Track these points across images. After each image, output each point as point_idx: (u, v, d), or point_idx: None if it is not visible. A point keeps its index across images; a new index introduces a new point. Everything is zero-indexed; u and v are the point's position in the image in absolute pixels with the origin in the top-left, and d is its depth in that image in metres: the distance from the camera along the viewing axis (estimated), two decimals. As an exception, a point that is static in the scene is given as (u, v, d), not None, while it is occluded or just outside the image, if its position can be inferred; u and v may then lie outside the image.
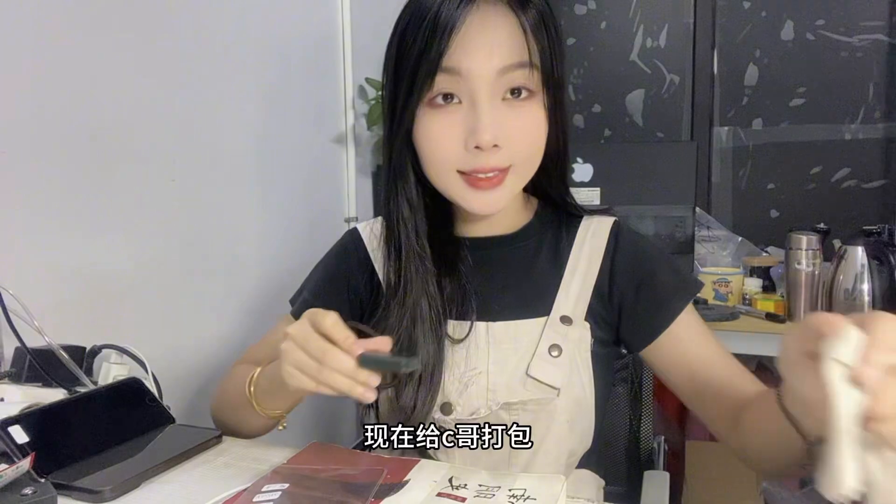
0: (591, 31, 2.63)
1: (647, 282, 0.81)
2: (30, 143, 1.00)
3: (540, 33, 0.73)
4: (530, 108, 0.74)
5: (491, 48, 0.70)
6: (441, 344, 0.79)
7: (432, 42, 0.70)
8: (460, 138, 0.73)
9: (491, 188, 0.75)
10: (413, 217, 0.82)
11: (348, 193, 1.97)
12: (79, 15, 1.07)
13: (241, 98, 1.48)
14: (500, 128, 0.72)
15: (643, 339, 0.81)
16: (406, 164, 0.80)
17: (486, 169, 0.73)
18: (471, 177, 0.74)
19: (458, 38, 0.70)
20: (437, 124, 0.74)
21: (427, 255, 0.81)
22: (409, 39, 0.73)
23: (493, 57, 0.70)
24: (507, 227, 0.85)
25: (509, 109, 0.73)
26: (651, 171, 1.97)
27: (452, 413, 0.78)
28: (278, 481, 0.63)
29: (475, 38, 0.70)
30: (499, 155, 0.73)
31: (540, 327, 0.80)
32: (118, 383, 0.83)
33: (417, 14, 0.72)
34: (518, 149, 0.74)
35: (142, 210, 1.20)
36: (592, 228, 0.86)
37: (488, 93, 0.71)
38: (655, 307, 0.81)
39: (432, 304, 0.80)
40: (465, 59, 0.70)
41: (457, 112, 0.73)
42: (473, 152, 0.72)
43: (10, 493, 0.59)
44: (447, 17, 0.70)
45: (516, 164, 0.75)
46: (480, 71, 0.71)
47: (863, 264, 1.63)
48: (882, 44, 2.26)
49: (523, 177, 0.78)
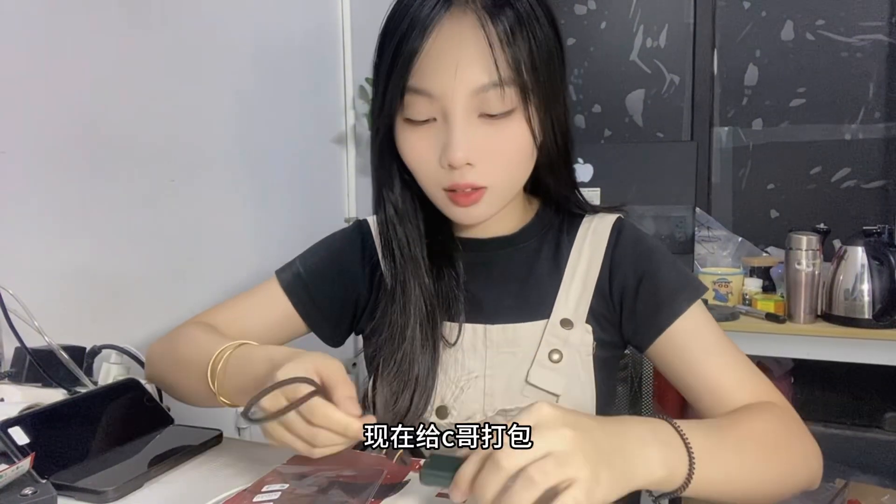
0: (592, 31, 2.63)
1: (648, 279, 0.79)
2: (30, 144, 1.00)
3: (516, 41, 0.68)
4: (508, 125, 0.71)
5: (457, 69, 0.67)
6: (436, 346, 0.78)
7: (397, 60, 0.69)
8: (435, 155, 0.72)
9: (469, 205, 0.73)
10: (402, 225, 0.80)
11: (348, 193, 1.97)
12: (79, 15, 1.07)
13: (241, 98, 1.48)
14: (473, 146, 0.70)
15: (646, 338, 0.79)
16: (392, 172, 0.79)
17: (462, 185, 0.71)
18: (451, 192, 0.73)
19: (423, 58, 0.68)
20: (414, 141, 0.73)
21: (421, 260, 0.80)
22: (383, 53, 0.72)
23: (462, 78, 0.68)
24: (505, 229, 0.84)
25: (486, 127, 0.70)
26: (651, 171, 1.97)
27: (448, 417, 0.77)
28: (278, 481, 0.63)
29: (441, 59, 0.68)
30: (474, 172, 0.71)
31: (540, 331, 0.78)
32: (117, 384, 0.83)
33: (391, 25, 0.71)
34: (494, 167, 0.72)
35: (142, 210, 1.20)
36: (594, 226, 0.84)
37: (462, 111, 0.69)
38: (657, 305, 0.78)
39: (427, 306, 0.79)
40: (432, 80, 0.68)
41: (432, 129, 0.71)
42: (448, 169, 0.71)
43: (11, 494, 0.59)
44: (413, 35, 0.67)
45: (493, 185, 0.73)
46: (450, 92, 0.68)
47: (863, 264, 1.63)
48: (882, 44, 2.26)
49: (503, 195, 0.76)
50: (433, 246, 0.82)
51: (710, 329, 0.78)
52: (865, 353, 1.68)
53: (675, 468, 0.56)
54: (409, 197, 0.81)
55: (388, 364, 0.78)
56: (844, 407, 2.42)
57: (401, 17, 0.69)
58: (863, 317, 1.63)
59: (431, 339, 0.78)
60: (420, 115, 0.71)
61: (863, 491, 1.97)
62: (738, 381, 0.74)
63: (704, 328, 0.77)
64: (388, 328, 0.79)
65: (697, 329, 0.77)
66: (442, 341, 0.79)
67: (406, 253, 0.80)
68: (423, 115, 0.71)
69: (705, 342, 0.76)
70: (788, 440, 0.69)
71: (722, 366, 0.75)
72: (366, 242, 0.88)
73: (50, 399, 0.76)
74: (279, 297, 0.86)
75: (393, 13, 0.71)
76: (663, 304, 0.78)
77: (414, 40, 0.68)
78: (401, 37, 0.69)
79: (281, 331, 0.87)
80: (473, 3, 0.68)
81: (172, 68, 1.27)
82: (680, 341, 0.77)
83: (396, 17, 0.70)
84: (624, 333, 0.82)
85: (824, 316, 1.71)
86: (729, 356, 0.76)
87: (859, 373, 2.35)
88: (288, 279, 0.86)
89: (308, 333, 0.89)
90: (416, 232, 0.81)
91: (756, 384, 0.75)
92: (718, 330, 0.78)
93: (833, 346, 1.68)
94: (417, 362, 0.77)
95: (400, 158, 0.76)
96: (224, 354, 0.69)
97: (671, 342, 0.77)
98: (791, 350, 1.76)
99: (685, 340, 0.77)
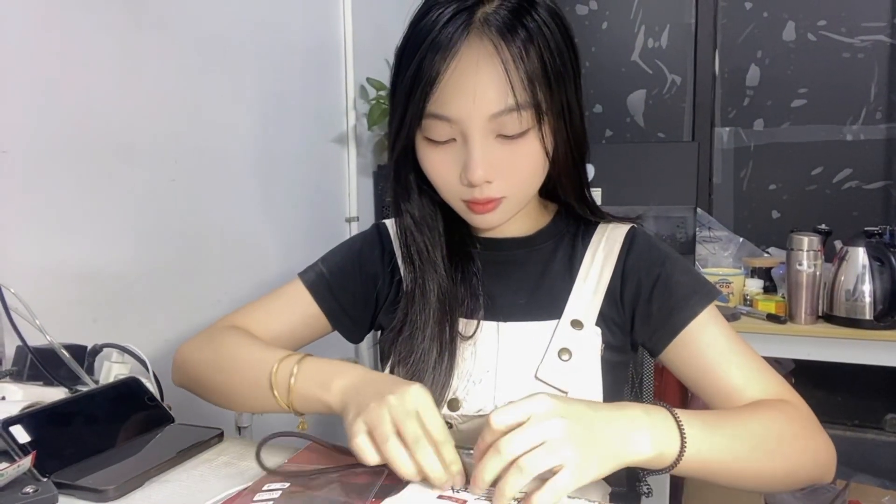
0: (593, 32, 2.63)
1: (662, 283, 0.81)
2: (31, 144, 1.00)
3: (530, 57, 0.70)
4: (524, 143, 0.73)
5: (475, 95, 0.69)
6: (453, 343, 0.80)
7: (417, 84, 0.70)
8: (456, 173, 0.74)
9: (486, 212, 0.77)
10: (420, 232, 0.83)
11: (349, 193, 1.97)
12: (79, 16, 1.07)
13: (242, 98, 1.48)
14: (491, 165, 0.72)
15: (661, 341, 0.80)
16: (409, 185, 0.82)
17: (481, 200, 0.75)
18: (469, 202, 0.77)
19: (441, 86, 0.69)
20: (435, 159, 0.76)
21: (440, 263, 0.83)
22: (401, 73, 0.73)
23: (479, 104, 0.70)
24: (521, 230, 0.86)
25: (503, 146, 0.73)
26: (652, 171, 1.97)
27: (459, 409, 0.79)
28: (278, 481, 0.63)
29: (460, 85, 0.69)
30: (492, 188, 0.74)
31: (551, 330, 0.80)
32: (117, 382, 0.83)
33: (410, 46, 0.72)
34: (511, 183, 0.75)
35: (142, 210, 1.20)
36: (608, 233, 0.86)
37: (480, 134, 0.71)
38: (671, 309, 0.80)
39: (445, 305, 0.81)
40: (451, 106, 0.70)
41: (452, 148, 0.74)
42: (468, 185, 0.74)
43: (12, 492, 0.59)
44: (434, 59, 0.69)
45: (510, 195, 0.76)
46: (468, 116, 0.70)
47: (864, 265, 1.63)
48: (883, 45, 2.26)
49: (520, 202, 0.79)
50: (452, 244, 0.85)
51: (724, 331, 0.79)
52: (866, 353, 1.68)
53: (666, 448, 0.62)
54: (428, 202, 0.84)
55: (406, 360, 0.80)
56: (845, 408, 2.42)
57: (421, 38, 0.70)
58: (864, 317, 1.63)
59: (449, 336, 0.80)
60: (440, 136, 0.74)
61: (863, 492, 1.97)
62: (750, 380, 0.76)
63: (718, 331, 0.79)
64: (407, 326, 0.82)
65: (711, 332, 0.79)
66: (459, 336, 0.81)
67: (425, 258, 0.83)
68: (444, 136, 0.73)
69: (719, 345, 0.78)
70: (794, 434, 0.70)
71: (735, 366, 0.77)
72: (384, 242, 0.91)
73: (51, 398, 0.76)
74: (304, 297, 0.89)
75: (412, 34, 0.72)
76: (677, 307, 0.80)
77: (435, 65, 0.69)
78: (421, 59, 0.70)
79: (306, 330, 0.90)
80: (489, 28, 0.69)
81: (173, 68, 1.27)
82: (694, 344, 0.78)
83: (416, 38, 0.71)
84: (638, 338, 0.83)
85: (825, 317, 1.71)
86: (742, 356, 0.78)
87: (860, 374, 2.35)
88: (312, 279, 0.90)
89: (331, 332, 0.92)
90: (434, 236, 0.84)
91: (769, 383, 0.76)
92: (732, 331, 0.80)
93: (834, 346, 1.68)
94: (433, 357, 0.79)
95: (417, 170, 0.80)
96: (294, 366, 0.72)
97: (685, 345, 0.79)
98: (792, 351, 1.76)
99: (699, 343, 0.78)
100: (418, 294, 0.82)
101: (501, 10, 0.70)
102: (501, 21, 0.69)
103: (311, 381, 0.71)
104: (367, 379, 0.68)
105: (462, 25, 0.69)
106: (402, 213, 0.83)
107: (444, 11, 0.70)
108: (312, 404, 0.71)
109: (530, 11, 0.71)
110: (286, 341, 0.88)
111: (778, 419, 0.70)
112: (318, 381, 0.70)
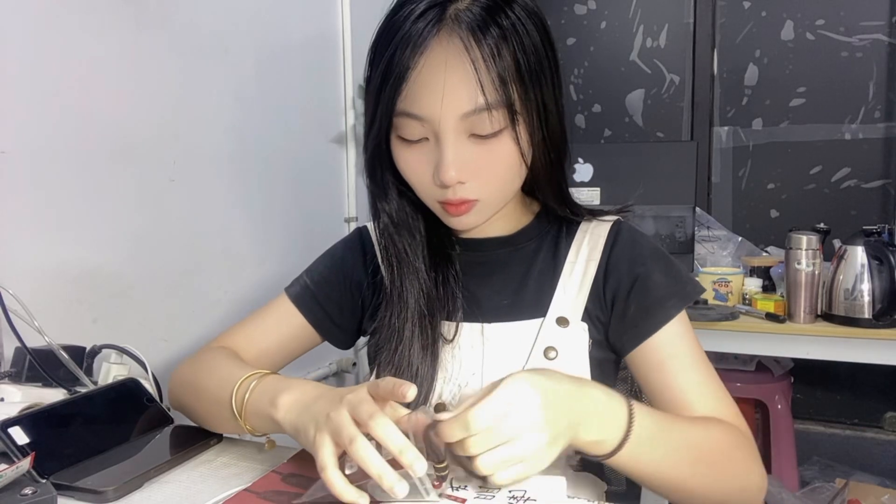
0: (592, 31, 2.63)
1: (640, 283, 0.79)
2: (30, 144, 1.00)
3: (503, 57, 0.68)
4: (498, 143, 0.72)
5: (444, 94, 0.68)
6: (435, 345, 0.79)
7: (387, 82, 0.70)
8: (429, 173, 0.73)
9: (461, 214, 0.76)
10: (399, 233, 0.82)
11: (348, 193, 1.97)
12: (79, 16, 1.07)
13: (241, 99, 1.48)
14: (464, 166, 0.71)
15: (628, 344, 0.79)
16: (385, 184, 0.81)
17: (455, 201, 0.74)
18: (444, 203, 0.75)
19: (412, 81, 0.68)
20: (409, 158, 0.74)
21: (419, 264, 0.82)
22: (374, 68, 0.72)
23: (449, 103, 0.68)
24: (504, 229, 0.85)
25: (476, 146, 0.71)
26: (651, 170, 1.97)
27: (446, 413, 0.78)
28: (280, 480, 0.63)
29: (429, 83, 0.68)
30: (465, 189, 0.73)
31: (536, 329, 0.79)
32: (116, 384, 0.83)
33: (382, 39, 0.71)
34: (484, 183, 0.74)
35: (141, 210, 1.20)
36: (592, 229, 0.85)
37: (451, 133, 0.70)
38: (645, 311, 0.78)
39: (425, 307, 0.80)
40: (421, 105, 0.69)
41: (425, 147, 0.73)
42: (441, 186, 0.73)
43: (11, 494, 0.59)
44: (405, 54, 0.68)
45: (484, 197, 0.75)
46: (438, 116, 0.69)
47: (863, 264, 1.63)
48: (882, 44, 2.26)
49: (496, 204, 0.78)
50: (432, 245, 0.83)
51: (690, 343, 0.78)
52: (865, 352, 1.68)
53: (608, 437, 0.61)
54: (407, 203, 0.82)
55: (387, 363, 0.79)
56: (844, 406, 2.42)
57: (392, 33, 0.69)
58: (863, 316, 1.63)
59: (430, 339, 0.79)
60: (413, 135, 0.72)
61: (863, 490, 1.98)
62: (704, 396, 0.75)
63: (684, 342, 0.78)
64: (387, 329, 0.80)
65: (677, 343, 0.78)
66: (441, 339, 0.80)
67: (403, 258, 0.82)
68: (416, 135, 0.72)
69: (682, 359, 0.77)
70: (732, 457, 0.70)
71: (694, 383, 0.76)
72: (366, 247, 0.90)
73: (50, 399, 0.76)
74: (290, 311, 0.88)
75: (385, 28, 0.71)
76: (651, 310, 0.78)
77: (405, 60, 0.68)
78: (391, 55, 0.69)
79: (296, 343, 0.89)
80: (459, 25, 0.68)
81: (172, 68, 1.27)
82: (658, 352, 0.78)
83: (388, 33, 0.70)
84: (610, 336, 0.82)
85: (824, 316, 1.70)
86: (702, 375, 0.77)
87: (859, 372, 2.36)
88: (297, 292, 0.89)
89: (321, 343, 0.91)
90: (414, 237, 0.83)
91: (720, 402, 0.76)
92: (697, 346, 0.79)
93: (833, 345, 1.68)
94: (416, 362, 0.78)
95: (393, 169, 0.78)
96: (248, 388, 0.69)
97: (651, 351, 0.78)
98: (791, 350, 1.75)
99: (663, 353, 0.77)
100: (397, 297, 0.81)
101: (474, 6, 0.68)
102: (473, 18, 0.68)
103: (261, 398, 0.68)
104: (316, 394, 0.64)
105: (433, 21, 0.68)
106: (379, 213, 0.82)
107: (417, 6, 0.68)
108: (264, 422, 0.67)
109: (504, 9, 0.69)
110: (276, 356, 0.88)
111: (724, 440, 0.70)
112: (268, 399, 0.66)
